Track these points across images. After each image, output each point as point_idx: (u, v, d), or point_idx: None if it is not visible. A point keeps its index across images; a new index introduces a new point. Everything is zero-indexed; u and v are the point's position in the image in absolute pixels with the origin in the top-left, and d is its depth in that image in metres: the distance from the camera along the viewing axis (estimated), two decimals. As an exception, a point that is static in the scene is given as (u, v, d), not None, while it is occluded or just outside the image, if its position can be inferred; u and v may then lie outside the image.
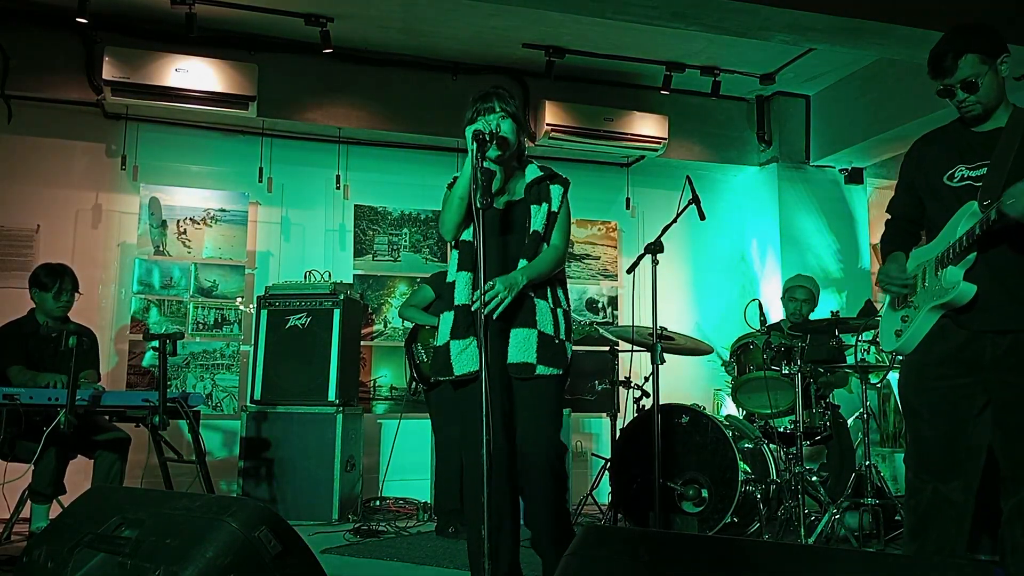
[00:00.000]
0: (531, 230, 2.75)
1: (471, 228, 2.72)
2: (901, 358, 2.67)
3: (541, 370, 2.68)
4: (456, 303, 2.73)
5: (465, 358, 2.68)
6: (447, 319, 2.75)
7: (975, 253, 2.38)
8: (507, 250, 2.75)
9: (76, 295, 4.30)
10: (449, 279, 2.81)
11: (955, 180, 2.48)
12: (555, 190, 2.81)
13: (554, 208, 2.79)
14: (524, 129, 2.86)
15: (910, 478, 2.55)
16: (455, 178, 2.77)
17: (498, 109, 2.73)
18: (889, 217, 2.78)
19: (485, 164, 2.62)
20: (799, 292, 4.97)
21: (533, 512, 2.78)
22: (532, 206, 2.78)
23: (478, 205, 2.46)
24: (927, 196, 2.59)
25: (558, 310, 2.79)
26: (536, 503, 2.76)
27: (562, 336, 2.77)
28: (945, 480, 2.45)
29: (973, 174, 2.46)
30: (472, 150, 2.55)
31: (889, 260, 2.64)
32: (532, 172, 2.82)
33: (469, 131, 2.58)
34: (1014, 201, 2.23)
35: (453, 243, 2.85)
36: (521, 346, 2.68)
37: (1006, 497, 2.41)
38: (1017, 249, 2.38)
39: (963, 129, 2.54)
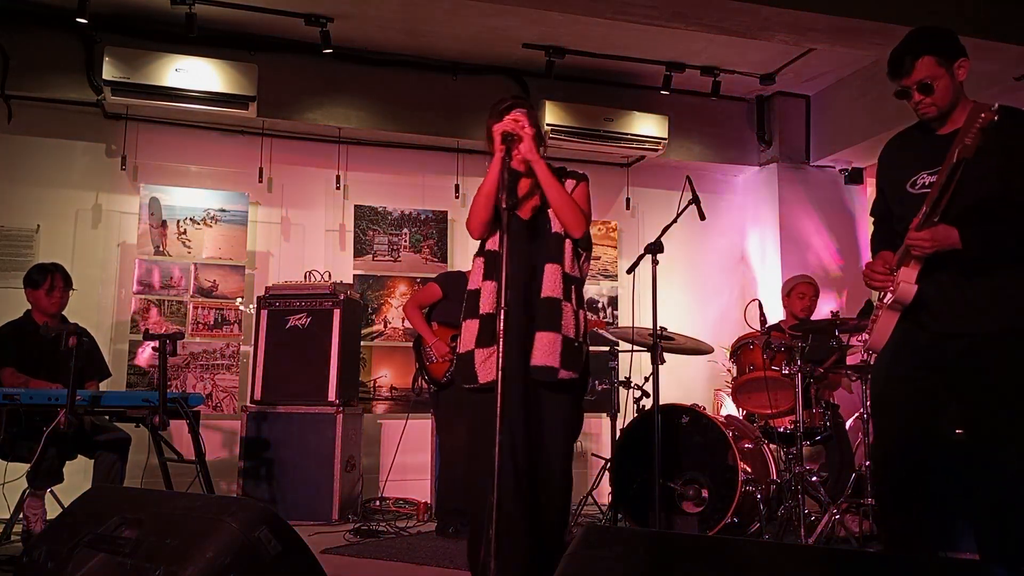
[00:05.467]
0: (552, 232, 2.76)
1: (497, 237, 2.70)
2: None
3: (563, 374, 2.68)
4: (481, 312, 2.71)
5: (490, 366, 2.63)
6: (471, 327, 2.74)
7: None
8: (534, 258, 2.75)
9: (69, 291, 4.31)
10: (472, 287, 2.80)
11: (916, 187, 2.54)
12: (568, 185, 2.82)
13: None
14: (542, 140, 2.87)
15: (872, 471, 2.59)
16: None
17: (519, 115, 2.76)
18: (873, 220, 2.85)
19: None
20: (808, 288, 5.00)
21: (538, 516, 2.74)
22: (550, 209, 2.79)
23: (503, 206, 2.50)
24: (893, 203, 2.65)
25: (579, 312, 2.78)
26: (542, 511, 2.72)
27: (581, 339, 2.77)
28: (904, 472, 2.48)
29: (933, 179, 2.50)
30: (503, 150, 2.60)
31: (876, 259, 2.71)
32: None
33: (500, 132, 2.62)
34: None
35: (478, 250, 2.84)
36: (547, 349, 2.67)
37: (979, 495, 2.47)
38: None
39: (926, 133, 2.59)
